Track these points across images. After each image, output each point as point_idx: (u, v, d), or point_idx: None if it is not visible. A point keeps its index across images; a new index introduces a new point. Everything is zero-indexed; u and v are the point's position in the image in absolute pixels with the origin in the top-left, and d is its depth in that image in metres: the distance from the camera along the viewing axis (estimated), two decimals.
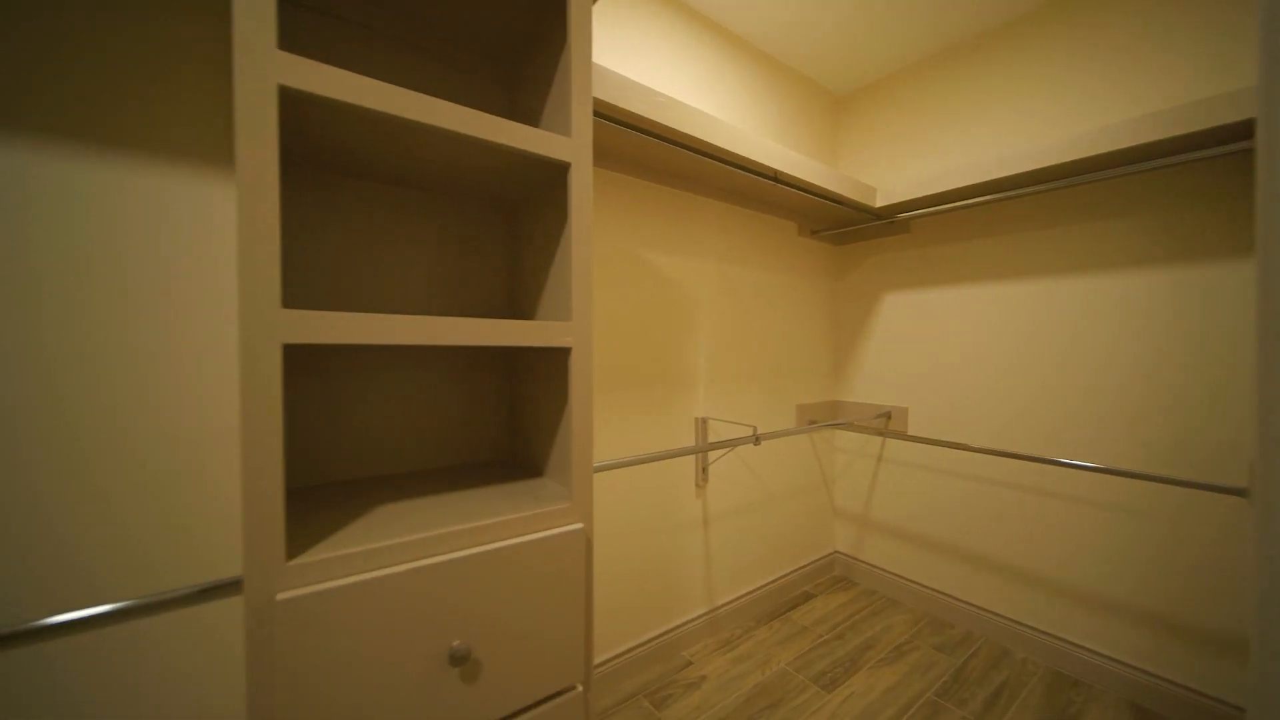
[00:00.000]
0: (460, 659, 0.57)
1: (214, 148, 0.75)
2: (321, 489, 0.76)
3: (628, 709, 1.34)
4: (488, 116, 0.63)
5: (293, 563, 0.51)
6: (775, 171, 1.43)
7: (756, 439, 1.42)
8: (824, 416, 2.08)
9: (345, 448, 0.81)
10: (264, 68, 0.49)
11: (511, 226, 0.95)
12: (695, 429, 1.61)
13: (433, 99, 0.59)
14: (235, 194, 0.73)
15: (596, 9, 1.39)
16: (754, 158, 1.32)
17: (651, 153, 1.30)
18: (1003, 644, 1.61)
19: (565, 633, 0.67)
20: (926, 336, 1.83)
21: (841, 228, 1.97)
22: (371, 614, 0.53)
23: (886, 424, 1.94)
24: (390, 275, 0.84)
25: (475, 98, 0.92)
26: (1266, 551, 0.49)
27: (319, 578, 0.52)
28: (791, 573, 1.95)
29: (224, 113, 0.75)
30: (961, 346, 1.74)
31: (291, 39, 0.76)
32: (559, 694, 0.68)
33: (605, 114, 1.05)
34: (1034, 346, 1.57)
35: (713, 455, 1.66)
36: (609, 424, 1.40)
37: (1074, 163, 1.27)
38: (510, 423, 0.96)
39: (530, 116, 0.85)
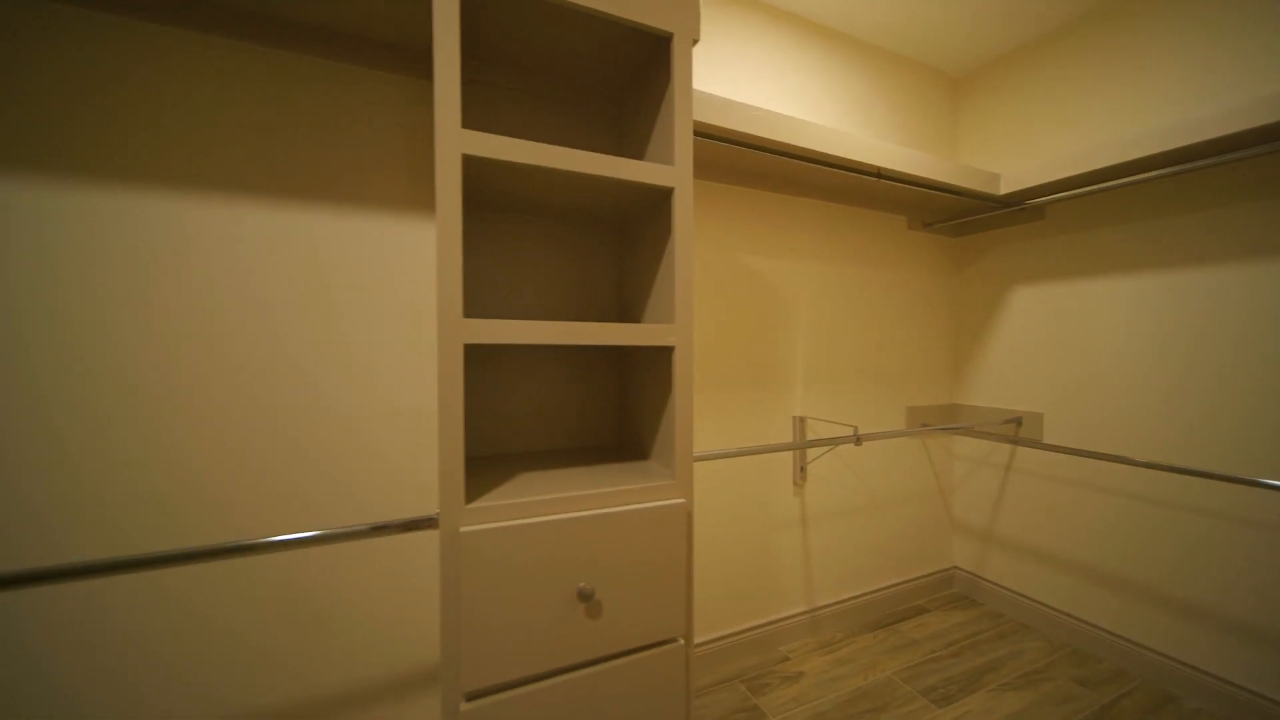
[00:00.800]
0: (586, 596, 0.71)
1: (405, 195, 0.98)
2: (478, 459, 0.96)
3: (724, 690, 1.41)
4: (607, 157, 0.77)
5: (470, 506, 0.69)
6: (878, 169, 1.42)
7: (857, 439, 1.41)
8: (940, 421, 1.96)
9: (492, 429, 1.01)
10: (453, 142, 0.67)
11: (621, 242, 1.09)
12: (793, 428, 1.64)
13: (569, 150, 0.74)
14: (405, 228, 0.95)
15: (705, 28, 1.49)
16: (853, 157, 1.32)
17: (749, 161, 1.37)
18: (1166, 688, 1.40)
19: (669, 591, 0.78)
20: (1067, 334, 1.65)
21: (959, 218, 1.84)
22: (522, 550, 0.69)
23: (1017, 431, 1.78)
24: (527, 287, 1.03)
25: (590, 135, 1.08)
26: None
27: (486, 519, 0.69)
28: (901, 584, 1.86)
29: (409, 170, 0.98)
30: (1112, 345, 1.54)
31: None
32: (664, 643, 0.79)
33: (705, 133, 1.15)
34: (1205, 346, 1.34)
35: (811, 454, 1.66)
36: (708, 420, 1.49)
37: (1246, 133, 1.09)
38: (620, 412, 1.10)
39: (637, 146, 0.98)
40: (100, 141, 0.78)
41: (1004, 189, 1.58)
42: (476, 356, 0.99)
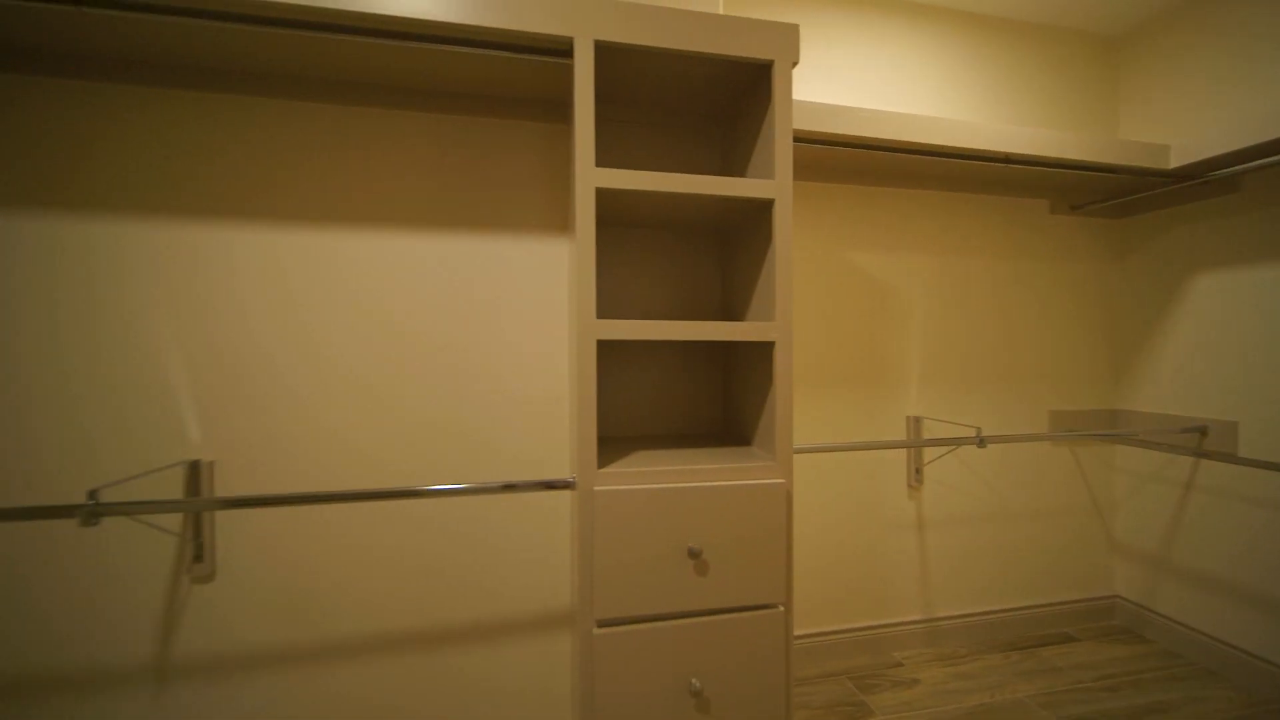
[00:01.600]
0: (695, 554, 0.83)
1: (541, 220, 1.19)
2: (601, 439, 1.14)
3: (830, 683, 1.43)
4: (714, 178, 0.89)
5: (600, 470, 0.85)
6: (1005, 154, 1.34)
7: (980, 440, 1.34)
8: (1094, 427, 1.73)
9: (611, 415, 1.18)
10: (589, 179, 0.84)
11: (724, 246, 1.20)
12: (906, 428, 1.59)
13: (682, 175, 0.87)
14: (542, 245, 1.15)
15: (825, 29, 1.54)
16: (973, 145, 1.27)
17: (858, 160, 1.39)
18: None
19: (770, 560, 0.87)
20: (1271, 328, 1.38)
21: (1118, 198, 1.62)
22: (642, 509, 0.83)
23: (1200, 442, 1.52)
24: (637, 289, 1.18)
25: (697, 154, 1.20)
26: None
27: (614, 482, 0.84)
28: (1042, 606, 1.69)
29: (545, 197, 1.19)
30: None
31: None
32: (765, 607, 0.88)
33: (811, 139, 1.21)
34: None
35: (927, 456, 1.60)
36: (813, 415, 1.52)
37: None
38: (725, 402, 1.20)
39: (741, 161, 1.08)
40: (322, 196, 1.10)
41: (1175, 161, 1.37)
42: (603, 354, 1.17)
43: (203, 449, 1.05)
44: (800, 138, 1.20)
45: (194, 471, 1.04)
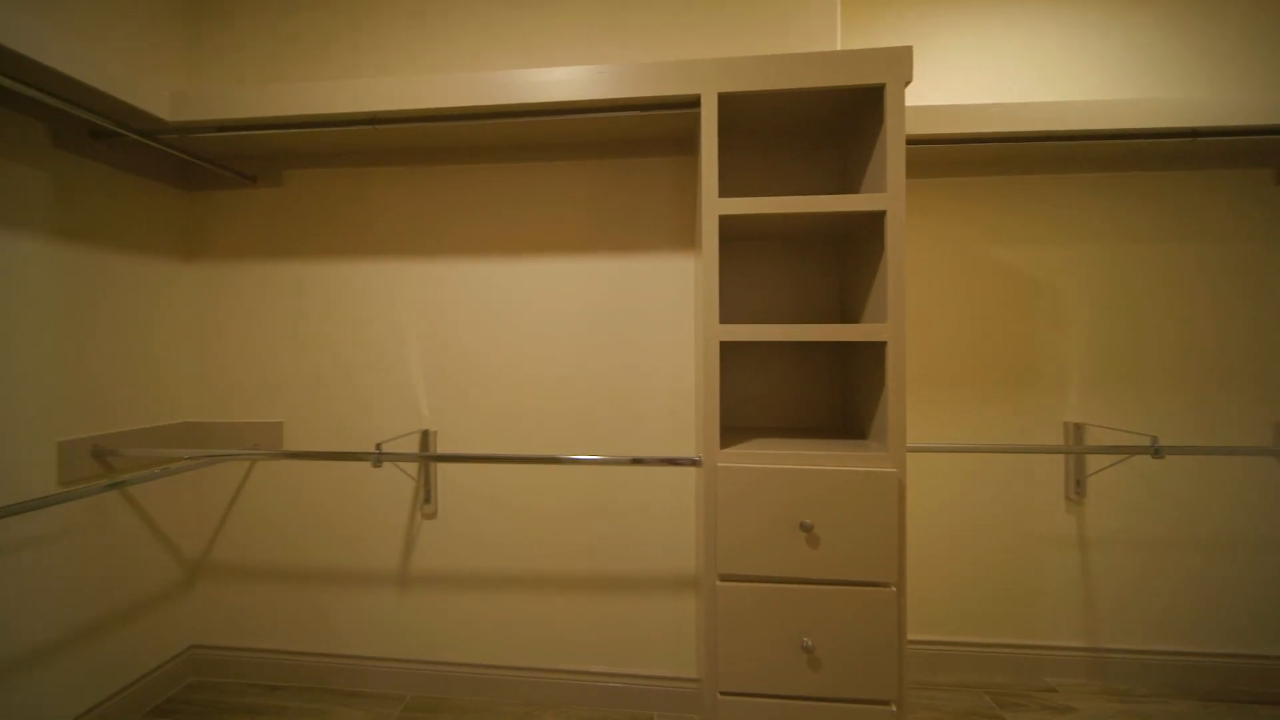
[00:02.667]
0: (806, 529, 0.94)
1: (670, 239, 1.39)
2: (723, 428, 1.29)
3: (965, 693, 1.39)
4: (828, 197, 0.99)
5: (723, 450, 1.01)
6: (1192, 129, 1.18)
7: (1156, 450, 1.20)
8: None
9: (733, 408, 1.32)
10: (713, 208, 1.01)
11: (841, 254, 1.27)
12: (1065, 434, 1.45)
13: (796, 198, 1.00)
14: (671, 262, 1.34)
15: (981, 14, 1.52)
16: (1144, 125, 1.16)
17: (996, 151, 1.34)
18: None
19: (881, 542, 0.95)
20: None
21: None
22: (758, 484, 0.97)
23: None
24: (755, 295, 1.31)
25: (813, 172, 1.29)
26: None
27: (736, 460, 1.00)
28: (1260, 658, 1.40)
29: (674, 220, 1.38)
30: None
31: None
32: (877, 584, 0.95)
33: (933, 140, 1.22)
34: None
35: (1092, 466, 1.44)
36: (946, 417, 1.48)
37: None
38: (841, 399, 1.27)
39: (855, 173, 1.15)
40: (505, 234, 1.42)
41: None
42: (727, 355, 1.33)
43: (429, 422, 1.45)
44: (932, 140, 1.22)
45: (425, 437, 1.44)
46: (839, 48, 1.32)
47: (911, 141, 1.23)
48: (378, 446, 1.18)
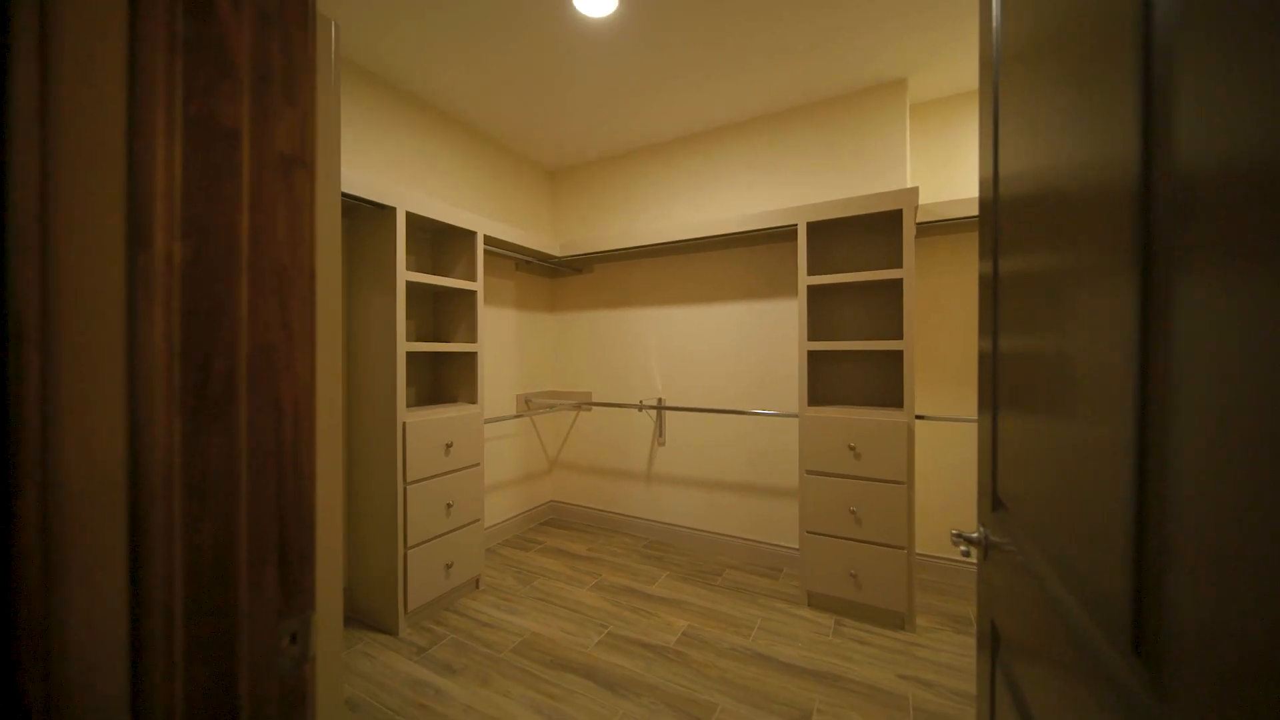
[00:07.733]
0: (852, 449, 1.81)
1: (785, 290, 2.29)
2: (813, 400, 2.17)
3: None
4: (866, 273, 1.82)
5: (809, 408, 1.94)
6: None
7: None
8: None
9: (821, 390, 2.18)
10: (803, 281, 1.93)
11: (880, 299, 2.00)
12: None
13: (852, 274, 1.86)
14: (783, 303, 2.25)
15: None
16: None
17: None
18: None
19: (897, 460, 1.75)
20: None
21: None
22: (825, 424, 1.87)
23: None
24: (836, 322, 2.14)
25: (872, 252, 2.06)
26: None
27: (816, 413, 1.91)
28: None
29: (787, 282, 2.28)
30: None
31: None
32: (894, 482, 1.76)
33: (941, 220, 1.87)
34: None
35: None
36: (935, 397, 2.03)
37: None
38: (882, 383, 2.01)
39: (892, 254, 1.90)
40: (698, 290, 2.51)
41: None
42: (812, 363, 2.20)
43: (662, 392, 2.68)
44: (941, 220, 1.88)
45: (659, 401, 2.69)
46: (908, 179, 2.04)
47: (929, 222, 1.90)
48: (640, 403, 2.43)
